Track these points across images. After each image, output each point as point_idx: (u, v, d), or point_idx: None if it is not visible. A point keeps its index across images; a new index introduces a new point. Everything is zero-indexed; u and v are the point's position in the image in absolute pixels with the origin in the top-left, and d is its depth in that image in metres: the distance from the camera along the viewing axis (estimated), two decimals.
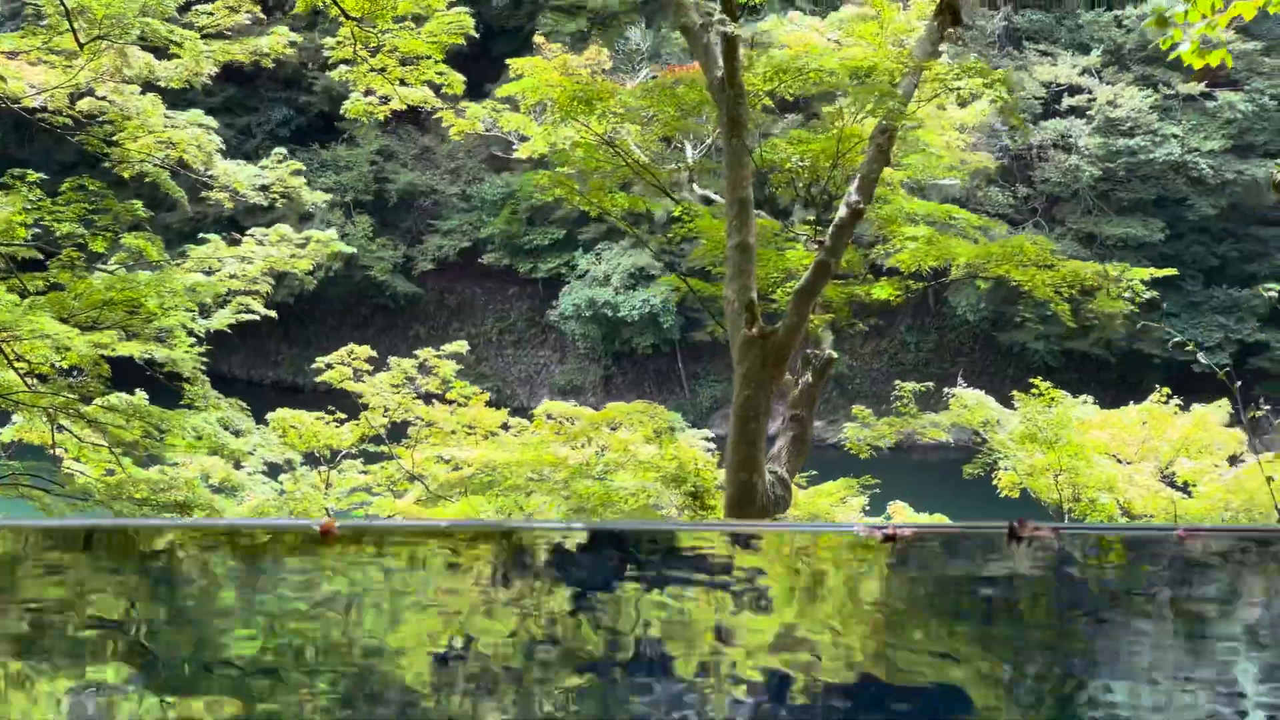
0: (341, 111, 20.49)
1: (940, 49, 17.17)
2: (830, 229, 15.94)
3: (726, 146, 15.92)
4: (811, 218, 17.45)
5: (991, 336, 54.21)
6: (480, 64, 31.38)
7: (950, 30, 17.16)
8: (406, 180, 59.04)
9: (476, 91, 23.41)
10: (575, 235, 55.85)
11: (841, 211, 15.85)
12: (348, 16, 16.93)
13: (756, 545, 3.11)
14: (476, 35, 19.81)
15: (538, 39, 22.39)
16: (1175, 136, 51.59)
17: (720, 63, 15.73)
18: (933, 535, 3.15)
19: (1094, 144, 51.93)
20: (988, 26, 53.14)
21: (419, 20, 18.10)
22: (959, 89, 16.55)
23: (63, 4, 17.20)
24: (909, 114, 16.47)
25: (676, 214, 18.45)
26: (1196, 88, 51.51)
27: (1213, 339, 48.78)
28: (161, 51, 20.53)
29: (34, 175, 17.53)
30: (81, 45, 17.93)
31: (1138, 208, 52.63)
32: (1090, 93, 52.54)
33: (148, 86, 20.86)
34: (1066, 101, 52.73)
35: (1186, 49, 12.52)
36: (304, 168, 20.97)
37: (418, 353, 21.33)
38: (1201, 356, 12.10)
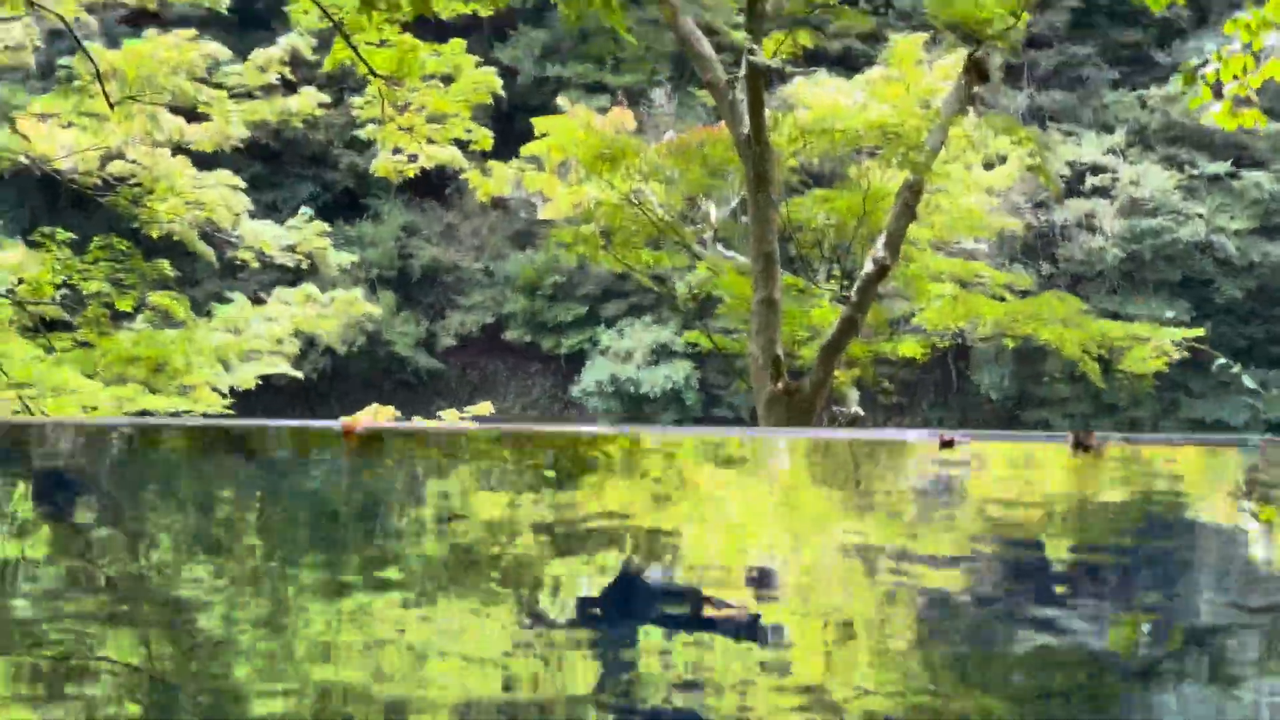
0: (370, 170, 20.56)
1: (967, 108, 17.20)
2: (856, 285, 15.90)
3: (752, 202, 15.93)
4: (837, 274, 17.43)
5: (1015, 415, 53.97)
6: (506, 139, 31.52)
7: (977, 89, 17.20)
8: (430, 256, 59.16)
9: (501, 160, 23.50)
10: (598, 311, 55.87)
11: (868, 267, 15.82)
12: (375, 74, 17.00)
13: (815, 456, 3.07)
14: (502, 108, 19.89)
15: (562, 101, 22.51)
16: (1200, 216, 51.50)
17: (746, 119, 15.76)
18: (993, 443, 3.07)
19: (1119, 225, 51.89)
20: (1011, 106, 53.27)
21: (447, 80, 18.20)
22: (985, 148, 16.54)
23: (94, 66, 17.30)
24: (936, 171, 16.48)
25: (701, 271, 18.44)
26: (1222, 167, 51.47)
27: (1239, 419, 48.46)
28: (192, 116, 20.68)
29: (64, 234, 17.63)
30: (112, 106, 18.02)
31: (1164, 288, 52.49)
32: (1114, 172, 52.54)
33: (177, 150, 21.00)
34: (1090, 181, 52.73)
35: (1219, 110, 12.48)
36: (329, 230, 21.06)
37: (441, 413, 21.27)
38: (1246, 380, 11.95)
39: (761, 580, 3.14)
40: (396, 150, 19.06)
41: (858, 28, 18.48)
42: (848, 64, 35.29)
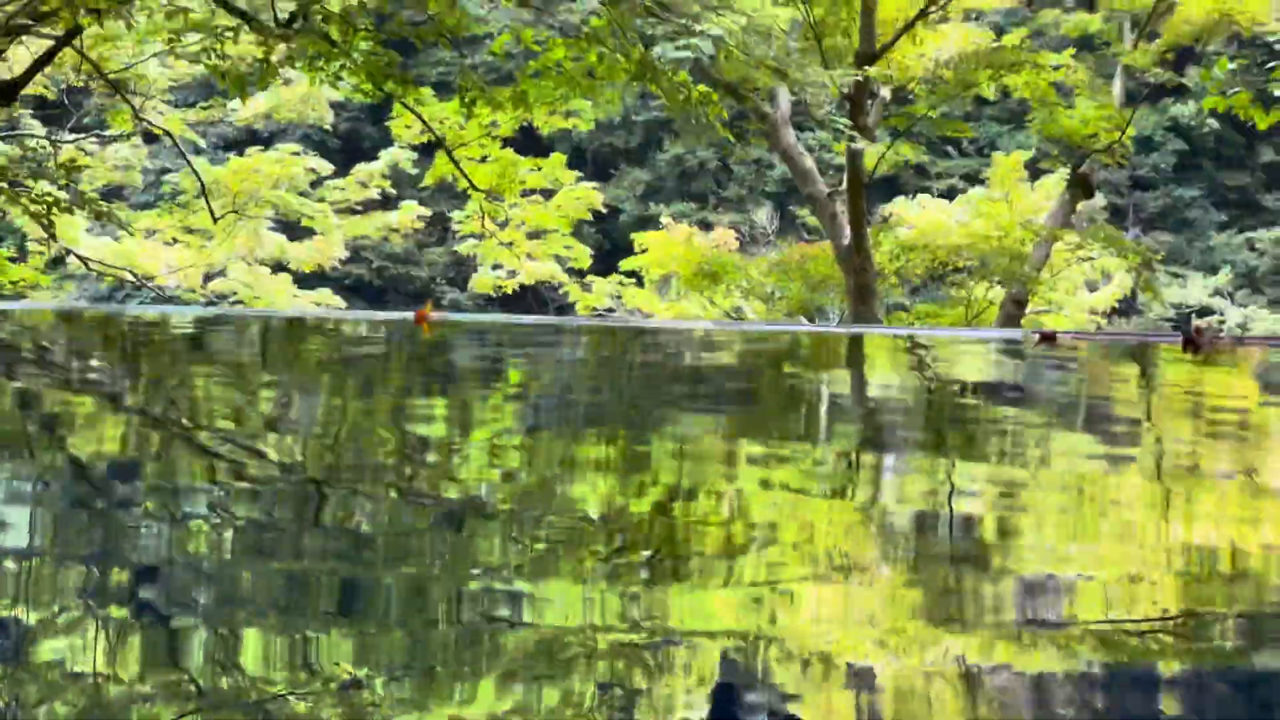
0: (469, 286, 20.57)
1: (1070, 223, 16.93)
2: None
3: (853, 316, 15.68)
4: None
5: None
6: (608, 273, 31.66)
7: (1082, 204, 16.94)
8: None
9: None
10: None
11: None
12: (475, 189, 17.05)
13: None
14: (604, 247, 19.89)
15: (665, 219, 22.48)
16: None
17: (847, 231, 15.58)
18: (1097, 341, 2.81)
19: None
20: None
21: (547, 195, 18.23)
22: (1091, 262, 16.20)
23: (199, 180, 17.45)
24: (1038, 294, 16.17)
25: None
26: None
27: None
28: (294, 234, 20.84)
29: None
30: (216, 220, 18.14)
31: None
32: (1221, 313, 51.76)
33: (278, 268, 21.13)
34: (1195, 323, 51.95)
35: None
36: None
37: None
38: None
39: None
40: (496, 266, 19.09)
41: (960, 135, 18.34)
42: (949, 183, 35.18)
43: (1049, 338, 2.55)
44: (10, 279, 18.28)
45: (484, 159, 16.96)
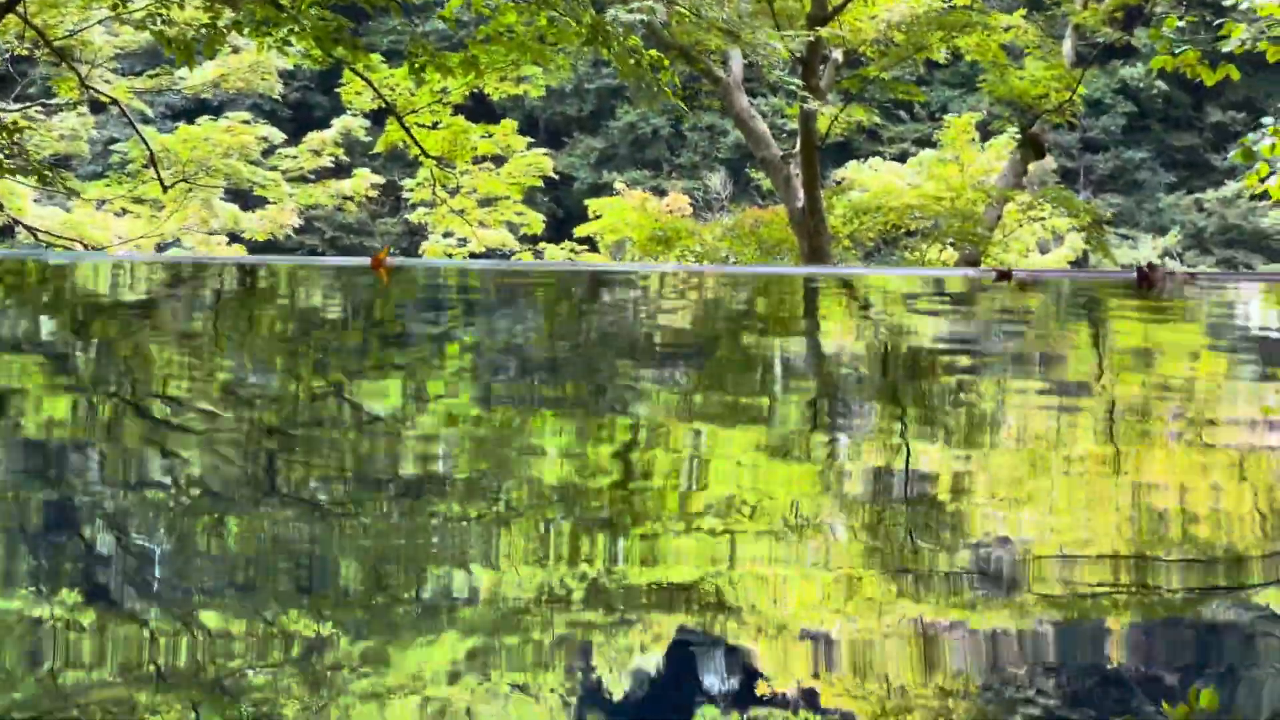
0: (419, 254, 20.49)
1: (1023, 184, 16.99)
2: None
3: None
4: None
5: None
6: (560, 240, 31.60)
7: (1033, 166, 17.00)
8: None
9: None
10: None
11: None
12: (427, 156, 16.96)
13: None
14: (558, 215, 19.84)
15: (618, 186, 22.44)
16: None
17: (801, 194, 15.60)
18: (1053, 278, 2.83)
19: None
20: None
21: (498, 161, 18.16)
22: (1042, 219, 16.27)
23: (147, 148, 17.26)
24: (991, 256, 16.24)
25: None
26: (1279, 268, 51.05)
27: None
28: (246, 203, 20.70)
29: None
30: (165, 189, 17.95)
31: None
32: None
33: (233, 238, 20.99)
34: (1148, 261, 52.33)
35: (1275, 183, 12.29)
36: None
37: None
38: None
39: None
40: (447, 234, 19.01)
41: (911, 100, 18.35)
42: (901, 148, 35.26)
43: (1005, 275, 2.58)
44: None
45: (435, 125, 16.87)
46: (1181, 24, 11.53)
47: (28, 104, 18.65)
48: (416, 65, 12.16)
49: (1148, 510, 2.45)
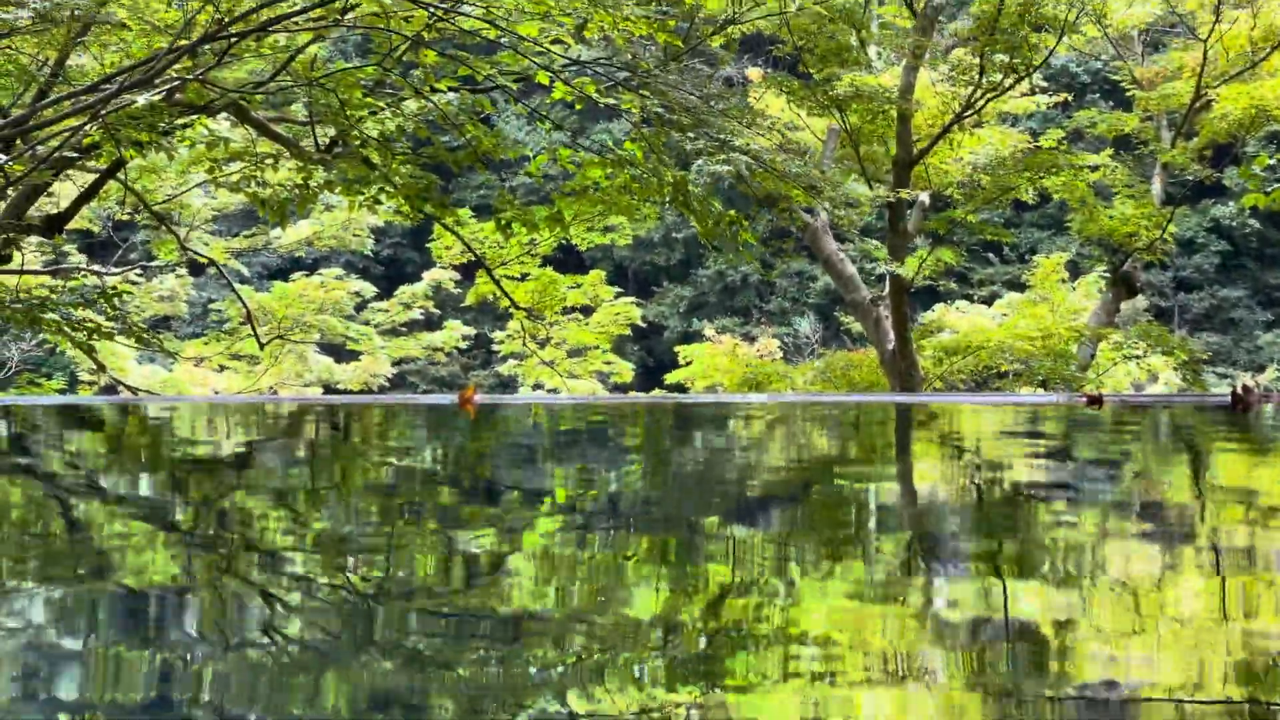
0: None
1: (1115, 321, 16.83)
2: None
3: None
4: None
5: None
6: (651, 388, 31.69)
7: (1126, 305, 16.85)
8: None
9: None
10: None
11: None
12: (517, 307, 17.13)
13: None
14: (649, 363, 19.93)
15: (708, 331, 22.50)
16: None
17: (892, 336, 15.54)
18: (1146, 402, 2.74)
19: None
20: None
21: (587, 311, 18.27)
22: (1137, 356, 16.07)
23: (244, 306, 17.58)
24: (1086, 385, 16.03)
25: None
26: None
27: None
28: (339, 356, 20.93)
29: None
30: (262, 346, 18.23)
31: None
32: None
33: (327, 389, 21.23)
34: (1242, 381, 51.53)
35: None
36: None
37: None
38: None
39: None
40: (538, 385, 19.08)
41: (1000, 240, 18.34)
42: (990, 290, 35.13)
43: (1097, 400, 2.53)
44: None
45: (524, 277, 17.03)
46: (1272, 161, 11.43)
47: (128, 267, 19.07)
48: (503, 222, 12.29)
49: (1261, 652, 2.35)
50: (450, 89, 10.89)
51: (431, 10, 9.80)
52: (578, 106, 11.34)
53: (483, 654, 2.31)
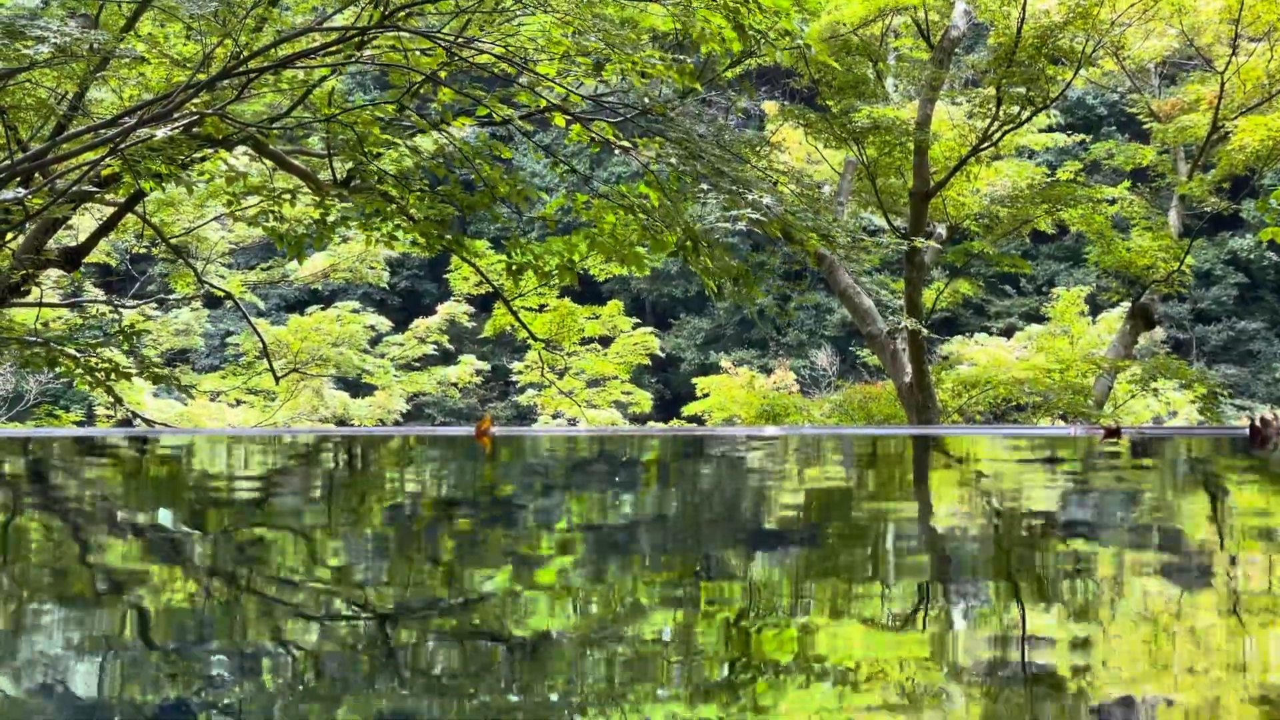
0: None
1: (1133, 355, 16.78)
2: None
3: None
4: None
5: None
6: (669, 418, 31.70)
7: (1144, 338, 16.79)
8: None
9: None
10: None
11: None
12: (534, 338, 17.14)
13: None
14: (665, 396, 19.92)
15: (725, 365, 22.48)
16: None
17: (909, 367, 15.50)
18: (1163, 435, 2.72)
19: None
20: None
21: (605, 342, 18.27)
22: (1155, 389, 16.02)
23: (260, 340, 17.62)
24: (1104, 418, 15.98)
25: None
26: None
27: None
28: (355, 390, 20.93)
29: None
30: (278, 380, 18.27)
31: None
32: None
33: (341, 425, 21.23)
34: (1261, 414, 51.30)
35: None
36: None
37: None
38: None
39: None
40: (556, 415, 19.09)
41: (1018, 272, 18.33)
42: (1007, 322, 35.08)
43: (1114, 433, 2.52)
44: None
45: (542, 308, 17.05)
46: None
47: (145, 300, 19.11)
48: (514, 268, 12.29)
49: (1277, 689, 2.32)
50: (468, 125, 10.93)
51: (449, 47, 9.82)
52: (593, 149, 11.36)
53: (500, 685, 2.30)
